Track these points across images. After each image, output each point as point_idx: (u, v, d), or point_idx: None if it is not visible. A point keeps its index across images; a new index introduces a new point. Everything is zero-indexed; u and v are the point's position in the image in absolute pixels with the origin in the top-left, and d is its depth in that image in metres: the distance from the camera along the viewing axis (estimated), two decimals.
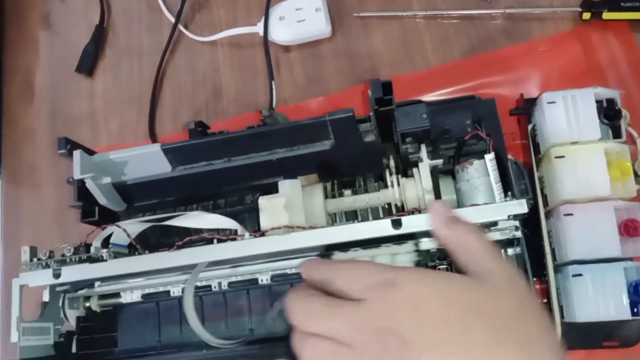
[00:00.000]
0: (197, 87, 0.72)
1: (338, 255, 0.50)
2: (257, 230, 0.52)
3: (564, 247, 0.53)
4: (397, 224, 0.48)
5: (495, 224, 0.48)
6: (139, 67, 0.75)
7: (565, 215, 0.52)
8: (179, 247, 0.51)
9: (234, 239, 0.52)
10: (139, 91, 0.73)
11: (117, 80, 0.75)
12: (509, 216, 0.46)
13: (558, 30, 0.64)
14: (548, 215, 0.56)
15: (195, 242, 0.55)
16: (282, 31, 0.68)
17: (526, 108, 0.59)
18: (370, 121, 0.53)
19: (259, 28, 0.69)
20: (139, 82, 0.74)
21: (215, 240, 0.53)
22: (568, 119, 0.54)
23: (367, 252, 0.50)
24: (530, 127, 0.59)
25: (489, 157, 0.52)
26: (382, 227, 0.48)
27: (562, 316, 0.54)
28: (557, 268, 0.55)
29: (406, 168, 0.57)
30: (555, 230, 0.54)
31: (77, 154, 0.53)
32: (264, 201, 0.53)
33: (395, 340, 0.31)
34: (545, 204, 0.56)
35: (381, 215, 0.58)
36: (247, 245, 0.50)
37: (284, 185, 0.54)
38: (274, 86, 0.65)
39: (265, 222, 0.52)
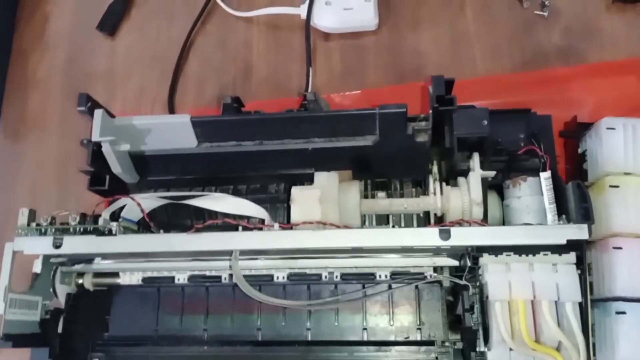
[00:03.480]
0: (227, 62, 0.68)
1: (487, 258, 0.44)
2: (287, 222, 0.47)
3: (607, 281, 0.49)
4: (445, 233, 0.44)
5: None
6: (167, 32, 0.70)
7: (614, 248, 0.49)
8: (199, 230, 0.47)
9: (260, 229, 0.47)
10: (163, 58, 0.69)
11: (140, 44, 0.70)
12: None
13: (617, 56, 0.61)
14: (589, 246, 0.53)
15: (216, 226, 0.51)
16: (327, 16, 0.64)
17: (577, 132, 0.56)
18: (424, 120, 0.49)
19: (301, 10, 0.65)
20: (165, 49, 0.69)
21: (240, 228, 0.48)
22: (626, 148, 0.51)
23: (523, 259, 0.44)
24: (580, 152, 0.55)
25: (545, 175, 0.48)
26: (428, 236, 0.44)
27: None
28: (594, 303, 0.51)
29: (449, 177, 0.53)
30: (598, 263, 0.51)
31: (98, 113, 0.48)
32: (297, 191, 0.49)
33: None
34: None
35: (415, 224, 0.54)
36: (277, 238, 0.46)
37: (320, 177, 0.50)
38: (311, 72, 0.61)
39: (296, 215, 0.48)
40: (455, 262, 0.49)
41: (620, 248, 0.49)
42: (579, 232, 0.43)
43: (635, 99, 0.59)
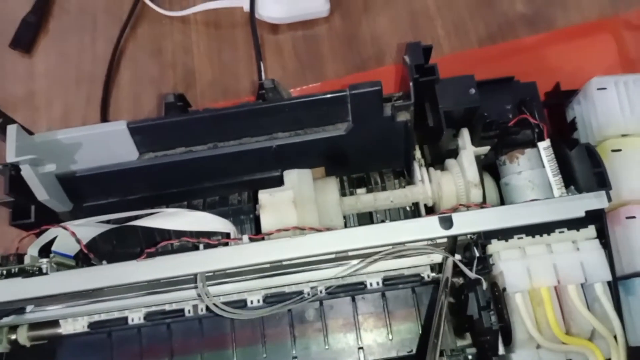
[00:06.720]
0: (165, 70, 0.60)
1: (497, 244, 0.38)
2: (257, 233, 0.40)
3: (625, 256, 0.44)
4: (446, 222, 0.37)
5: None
6: (92, 43, 0.62)
7: (627, 218, 0.44)
8: (151, 255, 0.38)
9: (226, 244, 0.40)
10: (91, 72, 0.60)
11: (62, 59, 0.62)
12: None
13: (585, 18, 0.57)
14: None
15: (172, 248, 0.42)
16: (272, 6, 0.57)
17: (562, 100, 0.51)
18: (401, 98, 0.42)
19: (243, 1, 0.58)
20: (91, 62, 0.61)
21: (201, 246, 0.40)
22: (622, 107, 0.46)
23: (537, 240, 0.38)
24: (568, 120, 0.51)
25: (544, 144, 0.43)
26: (425, 227, 0.38)
27: None
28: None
29: (434, 162, 0.47)
30: (611, 237, 0.45)
31: (12, 129, 0.40)
32: (265, 196, 0.41)
33: None
34: None
35: (402, 218, 0.47)
36: (248, 253, 0.38)
37: (291, 175, 0.42)
38: (262, 68, 0.54)
39: (268, 223, 0.40)
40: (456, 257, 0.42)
41: (633, 217, 0.43)
42: (597, 201, 0.37)
43: (613, 57, 0.55)
